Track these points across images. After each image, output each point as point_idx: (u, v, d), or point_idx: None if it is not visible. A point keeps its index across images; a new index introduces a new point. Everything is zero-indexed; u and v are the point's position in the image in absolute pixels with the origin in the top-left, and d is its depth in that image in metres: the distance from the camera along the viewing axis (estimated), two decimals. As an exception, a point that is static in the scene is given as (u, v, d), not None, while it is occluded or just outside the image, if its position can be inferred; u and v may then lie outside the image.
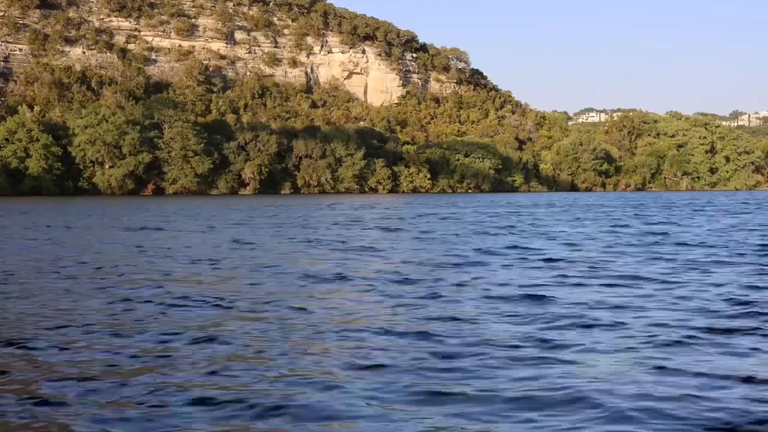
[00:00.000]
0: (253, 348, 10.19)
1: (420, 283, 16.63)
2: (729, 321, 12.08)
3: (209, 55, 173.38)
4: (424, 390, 8.23)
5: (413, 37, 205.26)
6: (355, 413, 7.52)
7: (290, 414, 7.47)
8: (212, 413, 7.52)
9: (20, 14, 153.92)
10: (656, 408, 7.62)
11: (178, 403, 7.79)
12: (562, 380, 8.54)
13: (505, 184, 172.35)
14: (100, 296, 14.82)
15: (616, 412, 7.50)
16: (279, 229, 37.39)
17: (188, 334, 11.05)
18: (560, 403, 7.80)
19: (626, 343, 10.44)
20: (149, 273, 18.66)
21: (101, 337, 10.93)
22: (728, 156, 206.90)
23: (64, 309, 13.29)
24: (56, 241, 29.62)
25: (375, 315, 12.75)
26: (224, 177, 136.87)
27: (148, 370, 9.05)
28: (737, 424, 7.24)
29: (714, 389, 8.29)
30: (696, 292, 15.10)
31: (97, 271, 19.24)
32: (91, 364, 9.39)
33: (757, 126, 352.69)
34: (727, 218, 46.42)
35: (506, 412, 7.59)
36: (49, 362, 9.48)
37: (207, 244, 27.83)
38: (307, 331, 11.32)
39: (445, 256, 22.71)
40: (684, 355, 9.80)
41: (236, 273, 18.75)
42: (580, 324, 11.76)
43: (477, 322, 12.05)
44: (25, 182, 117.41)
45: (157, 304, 13.76)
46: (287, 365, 9.29)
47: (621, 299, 14.23)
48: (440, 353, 9.88)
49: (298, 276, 17.88)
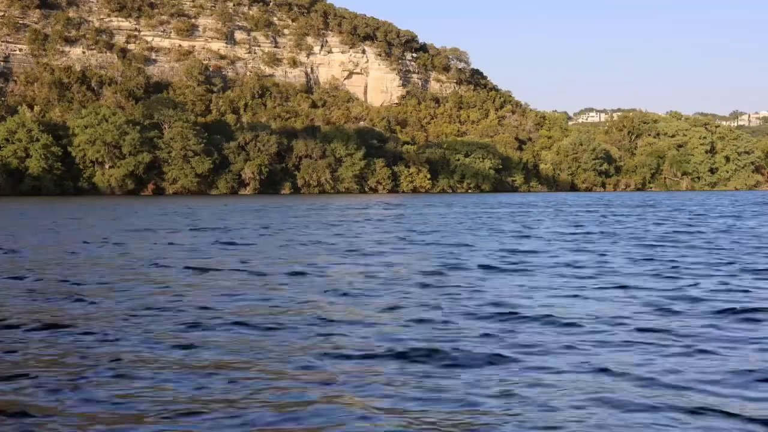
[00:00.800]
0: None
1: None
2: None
3: (209, 55, 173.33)
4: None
5: (413, 37, 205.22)
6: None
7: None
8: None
9: (20, 14, 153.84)
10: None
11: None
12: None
13: (505, 184, 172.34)
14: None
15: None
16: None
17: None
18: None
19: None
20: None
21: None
22: (728, 156, 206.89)
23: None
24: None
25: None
26: (224, 177, 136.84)
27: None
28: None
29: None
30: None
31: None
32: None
33: (757, 126, 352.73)
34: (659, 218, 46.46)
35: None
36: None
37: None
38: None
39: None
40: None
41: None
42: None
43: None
44: (25, 182, 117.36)
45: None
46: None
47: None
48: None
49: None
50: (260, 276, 18.07)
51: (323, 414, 7.50)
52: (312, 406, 7.72)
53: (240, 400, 7.99)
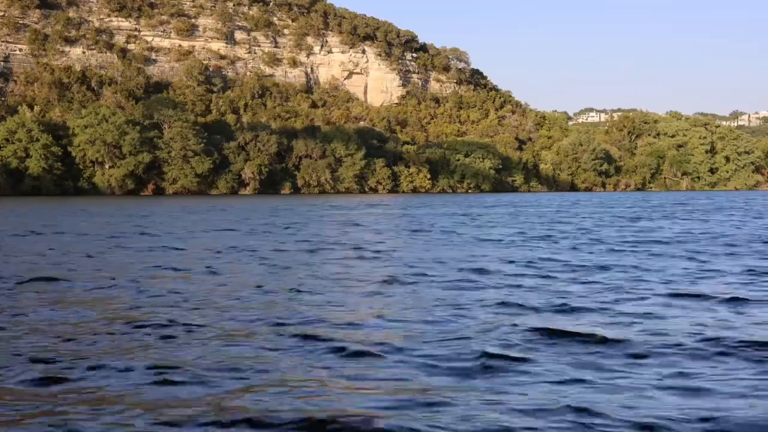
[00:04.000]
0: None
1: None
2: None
3: (209, 55, 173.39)
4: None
5: (413, 37, 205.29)
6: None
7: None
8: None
9: (20, 14, 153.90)
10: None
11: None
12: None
13: (505, 184, 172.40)
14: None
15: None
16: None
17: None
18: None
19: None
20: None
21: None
22: (728, 156, 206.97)
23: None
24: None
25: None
26: (224, 177, 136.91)
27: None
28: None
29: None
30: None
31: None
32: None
33: (757, 126, 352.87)
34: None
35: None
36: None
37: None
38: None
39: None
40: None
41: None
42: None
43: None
44: (25, 182, 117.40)
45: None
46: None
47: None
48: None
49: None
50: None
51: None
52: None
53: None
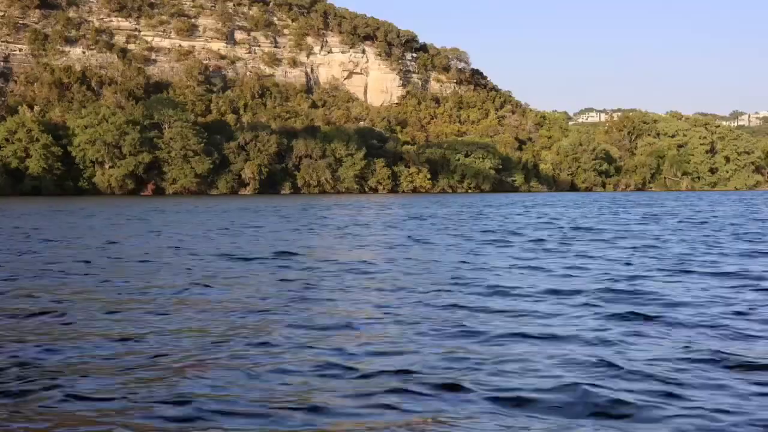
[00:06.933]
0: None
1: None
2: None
3: (209, 55, 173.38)
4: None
5: (413, 37, 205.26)
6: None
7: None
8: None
9: (20, 14, 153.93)
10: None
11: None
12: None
13: (505, 184, 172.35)
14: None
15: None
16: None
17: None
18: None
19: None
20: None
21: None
22: (728, 156, 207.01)
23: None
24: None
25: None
26: (224, 177, 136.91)
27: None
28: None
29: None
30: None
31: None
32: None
33: (757, 126, 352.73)
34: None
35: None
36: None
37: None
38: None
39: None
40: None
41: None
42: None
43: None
44: (25, 182, 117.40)
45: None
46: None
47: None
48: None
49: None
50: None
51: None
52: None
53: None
